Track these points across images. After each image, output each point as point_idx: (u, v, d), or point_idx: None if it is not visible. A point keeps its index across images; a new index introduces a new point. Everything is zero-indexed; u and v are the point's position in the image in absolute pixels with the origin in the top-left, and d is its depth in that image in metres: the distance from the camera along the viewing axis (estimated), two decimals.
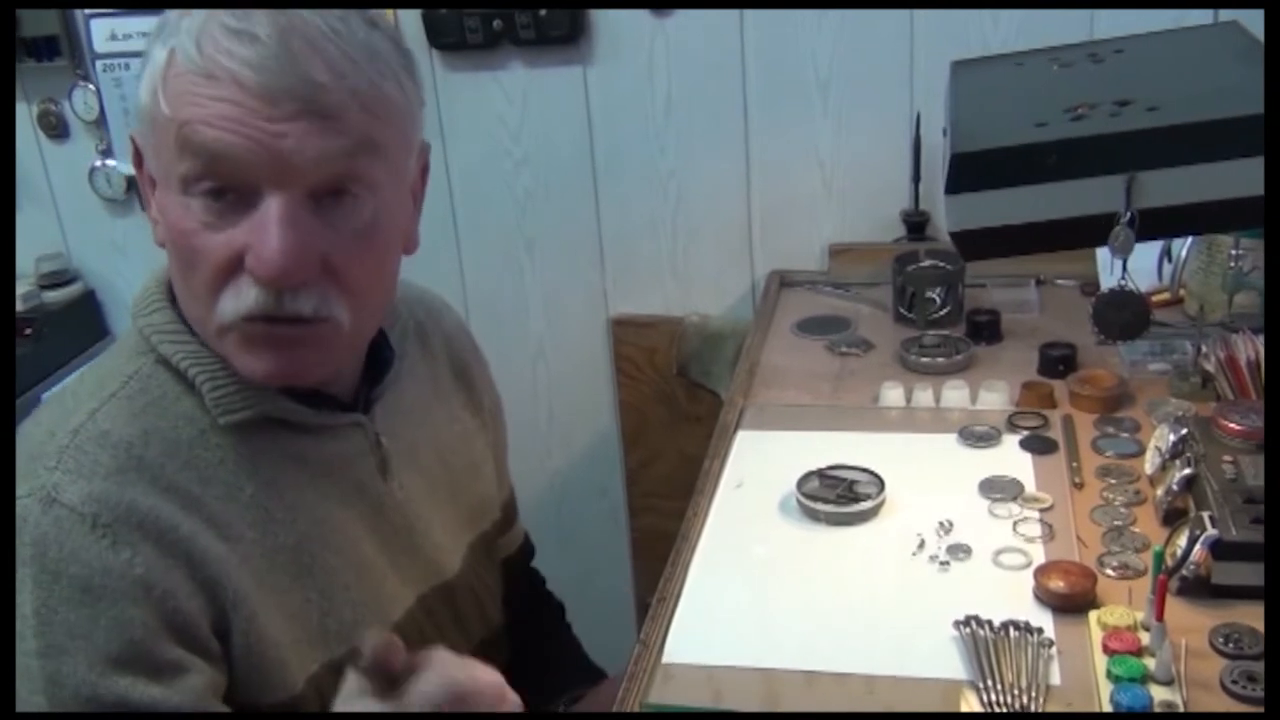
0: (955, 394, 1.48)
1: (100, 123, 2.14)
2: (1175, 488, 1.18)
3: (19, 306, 2.17)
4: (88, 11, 2.06)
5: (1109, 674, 0.99)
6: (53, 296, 2.23)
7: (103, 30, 2.06)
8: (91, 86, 2.11)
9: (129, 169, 2.11)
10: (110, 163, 2.16)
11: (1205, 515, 1.09)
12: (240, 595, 0.94)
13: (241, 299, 0.91)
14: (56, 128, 2.18)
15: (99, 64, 2.08)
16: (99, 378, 0.98)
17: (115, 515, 0.89)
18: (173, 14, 0.91)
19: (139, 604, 0.89)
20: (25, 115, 2.18)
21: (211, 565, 0.93)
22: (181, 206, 0.91)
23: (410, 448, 1.12)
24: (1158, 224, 1.03)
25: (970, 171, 1.05)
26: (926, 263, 1.71)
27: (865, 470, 1.31)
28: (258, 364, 0.95)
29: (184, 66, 0.88)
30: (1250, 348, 1.37)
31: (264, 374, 0.96)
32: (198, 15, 0.89)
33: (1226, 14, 1.69)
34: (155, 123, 0.91)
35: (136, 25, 2.04)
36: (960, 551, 1.19)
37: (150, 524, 0.90)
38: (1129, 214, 1.01)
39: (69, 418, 0.94)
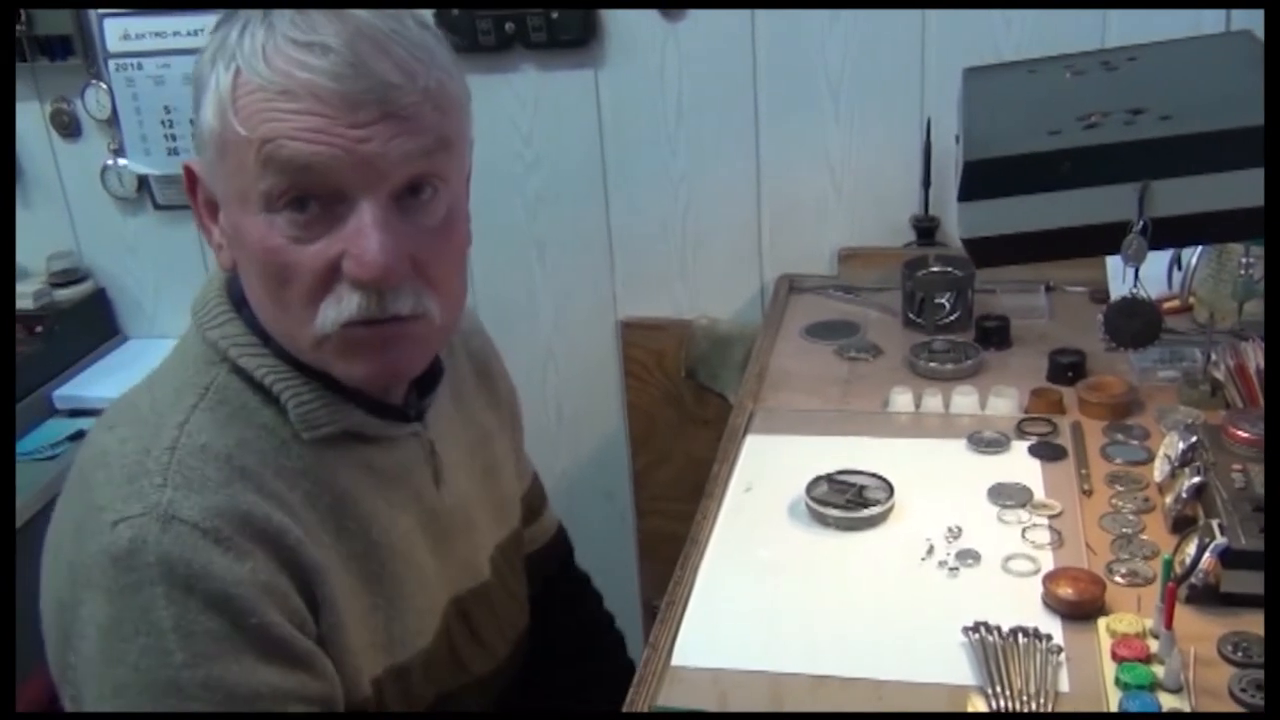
0: (964, 400, 1.48)
1: (113, 122, 2.14)
2: (1184, 495, 1.18)
3: (30, 304, 2.17)
4: (101, 11, 2.07)
5: (1118, 681, 0.99)
6: (64, 294, 2.23)
7: (116, 30, 2.07)
8: (104, 86, 2.11)
9: (141, 168, 2.14)
10: (122, 162, 2.17)
11: (1214, 523, 1.10)
12: (330, 599, 0.96)
13: (343, 306, 0.92)
14: (69, 127, 2.18)
15: (112, 63, 2.09)
16: (174, 389, 0.98)
17: (234, 527, 0.90)
18: (229, 34, 0.91)
19: (270, 608, 0.90)
20: (38, 114, 2.18)
21: (311, 571, 0.94)
22: (265, 224, 0.91)
23: (451, 453, 1.13)
24: (1170, 232, 1.02)
25: (983, 179, 1.04)
26: (936, 268, 1.72)
27: (874, 475, 1.31)
28: (359, 368, 0.96)
29: (254, 84, 0.88)
30: (1260, 356, 1.37)
31: (366, 377, 0.97)
32: (257, 31, 0.89)
33: (1236, 15, 1.70)
34: (226, 145, 0.91)
35: (149, 25, 2.05)
36: (969, 557, 1.19)
37: (263, 532, 0.92)
38: (1142, 222, 1.01)
39: (158, 432, 0.94)
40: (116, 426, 0.98)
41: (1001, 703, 0.99)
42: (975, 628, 1.07)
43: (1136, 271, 1.07)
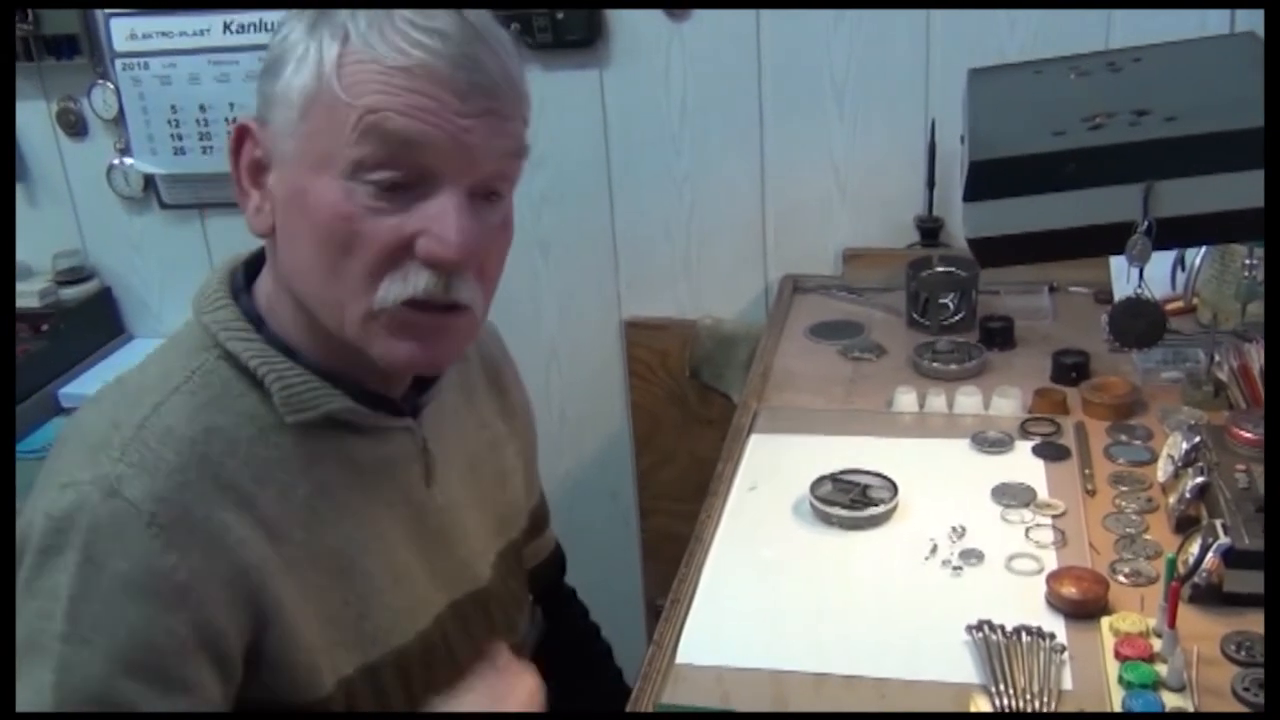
0: (968, 400, 1.49)
1: (119, 121, 2.15)
2: (1188, 495, 1.18)
3: (36, 303, 2.18)
4: (108, 11, 2.07)
5: (1121, 680, 1.00)
6: (70, 293, 2.24)
7: (122, 29, 2.07)
8: (111, 85, 2.12)
9: (147, 167, 2.15)
10: (128, 161, 2.17)
11: (1218, 523, 1.10)
12: (279, 601, 0.95)
13: (410, 283, 0.93)
14: (75, 126, 2.19)
15: (118, 63, 2.09)
16: (162, 371, 0.99)
17: (172, 517, 0.90)
18: (337, 11, 0.92)
19: (172, 610, 0.89)
20: (44, 113, 2.19)
21: (255, 572, 0.93)
22: (343, 190, 0.92)
23: (449, 454, 1.13)
24: (1175, 233, 1.03)
25: (988, 179, 1.05)
26: (940, 268, 1.72)
27: (878, 475, 1.32)
28: (401, 350, 0.97)
29: (367, 55, 0.90)
30: (1263, 357, 1.38)
31: (406, 361, 0.98)
32: (371, 11, 0.91)
33: (1241, 15, 1.70)
34: (318, 106, 0.91)
35: (156, 25, 2.06)
36: (972, 557, 1.20)
37: (203, 529, 0.91)
38: (1146, 223, 1.02)
39: (133, 409, 0.95)
40: (101, 401, 0.99)
41: (1005, 701, 0.99)
42: (979, 627, 1.07)
43: (1141, 272, 1.08)
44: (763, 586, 1.20)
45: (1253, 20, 1.62)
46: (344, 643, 1.01)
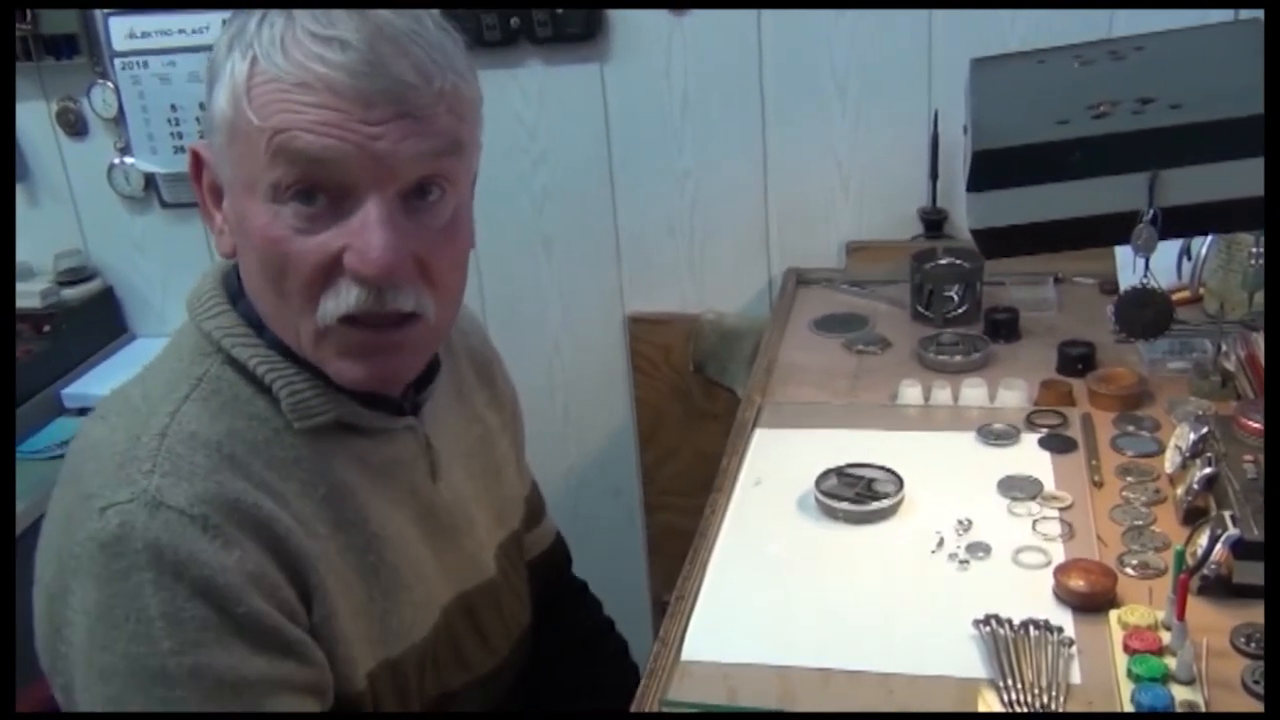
0: (974, 392, 1.48)
1: (119, 120, 2.14)
2: (1196, 487, 1.17)
3: (38, 303, 2.18)
4: (106, 10, 2.07)
5: (1130, 673, 0.99)
6: (71, 293, 2.24)
7: (121, 28, 2.07)
8: (110, 84, 2.11)
9: (147, 166, 2.14)
10: (129, 160, 2.17)
11: (1226, 514, 1.09)
12: (322, 590, 0.96)
13: (342, 299, 0.92)
14: (75, 125, 2.18)
15: (118, 62, 2.09)
16: (166, 380, 0.98)
17: (222, 515, 0.90)
18: (248, 22, 0.91)
19: (260, 597, 0.90)
20: (44, 113, 2.19)
21: (302, 560, 0.94)
22: (270, 214, 0.91)
23: (449, 449, 1.13)
24: (1180, 222, 1.02)
25: (992, 169, 1.04)
26: (944, 260, 1.71)
27: (883, 468, 1.31)
28: (355, 370, 0.96)
29: (271, 74, 0.88)
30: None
31: (362, 379, 0.97)
32: (276, 22, 0.89)
33: (1246, 14, 1.69)
34: (236, 132, 0.91)
35: (155, 23, 2.05)
36: (979, 550, 1.19)
37: (251, 519, 0.92)
38: (1152, 212, 1.01)
39: (148, 421, 0.94)
40: (108, 416, 0.98)
41: (1013, 695, 0.99)
42: (986, 620, 1.07)
43: (1147, 262, 1.07)
44: (768, 582, 1.19)
45: (1254, 16, 1.61)
46: (370, 638, 1.01)
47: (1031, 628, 1.05)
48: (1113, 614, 1.06)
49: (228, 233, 0.98)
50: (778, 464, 1.38)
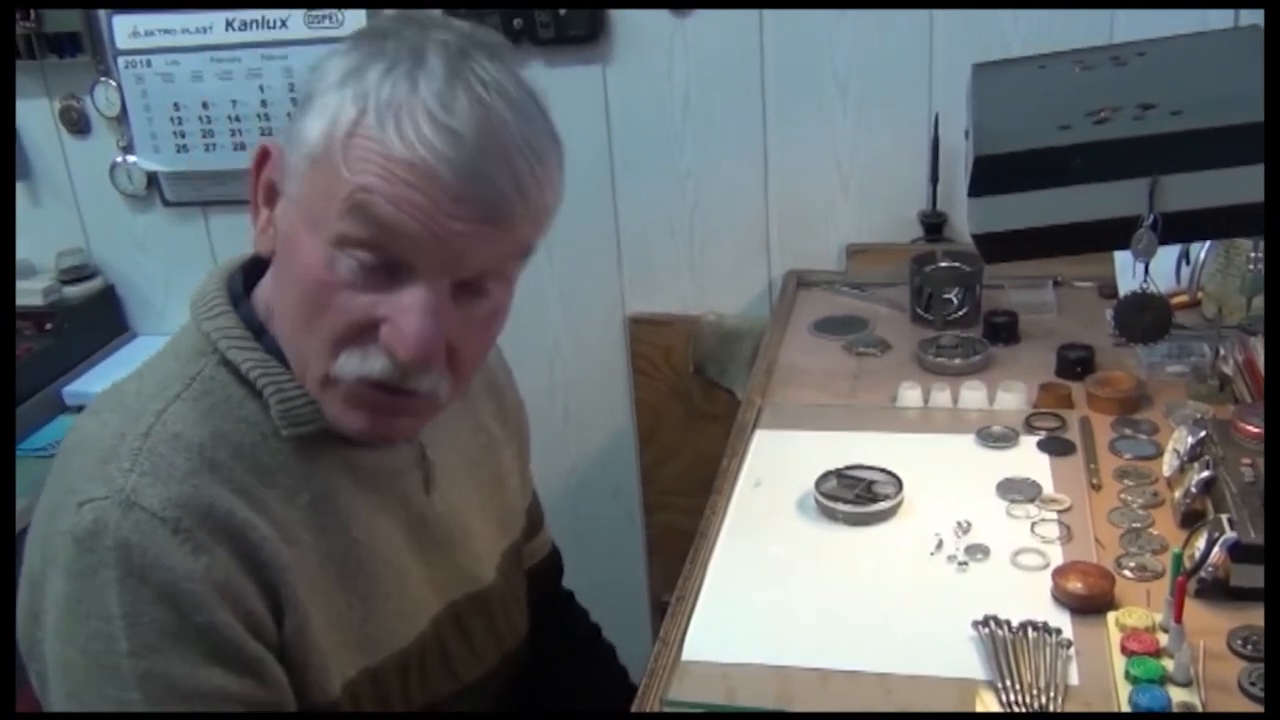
0: (973, 395, 1.48)
1: (122, 119, 2.14)
2: (1194, 490, 1.18)
3: (40, 301, 2.18)
4: (110, 8, 2.07)
5: (1127, 675, 1.00)
6: (73, 291, 2.24)
7: (125, 27, 2.07)
8: (113, 83, 2.11)
9: (150, 165, 2.15)
10: (131, 159, 2.17)
11: (1224, 518, 1.10)
12: (296, 599, 0.95)
13: (368, 363, 0.93)
14: (78, 123, 2.19)
15: (121, 60, 2.09)
16: (161, 378, 0.98)
17: (194, 519, 0.90)
18: (367, 68, 0.89)
19: (222, 608, 0.90)
20: (47, 111, 2.19)
21: (275, 569, 0.94)
22: (327, 257, 0.91)
23: (447, 461, 1.13)
24: (1180, 227, 1.02)
25: (993, 174, 1.05)
26: (944, 263, 1.72)
27: (883, 470, 1.31)
28: (355, 421, 0.97)
29: (375, 134, 0.87)
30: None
31: (359, 432, 0.98)
32: (400, 85, 0.88)
33: (1244, 15, 1.69)
34: (319, 167, 0.90)
35: (159, 22, 2.05)
36: (978, 552, 1.20)
37: (225, 526, 0.91)
38: (1152, 217, 1.01)
39: (136, 419, 0.94)
40: (101, 411, 0.98)
41: (1011, 696, 0.99)
42: (985, 622, 1.07)
43: (1146, 266, 1.07)
44: (768, 582, 1.19)
45: (1254, 19, 1.62)
46: (348, 645, 1.01)
47: (1030, 629, 1.06)
48: (1110, 616, 1.07)
49: (271, 235, 0.98)
50: (778, 465, 1.39)
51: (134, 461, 0.91)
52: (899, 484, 1.29)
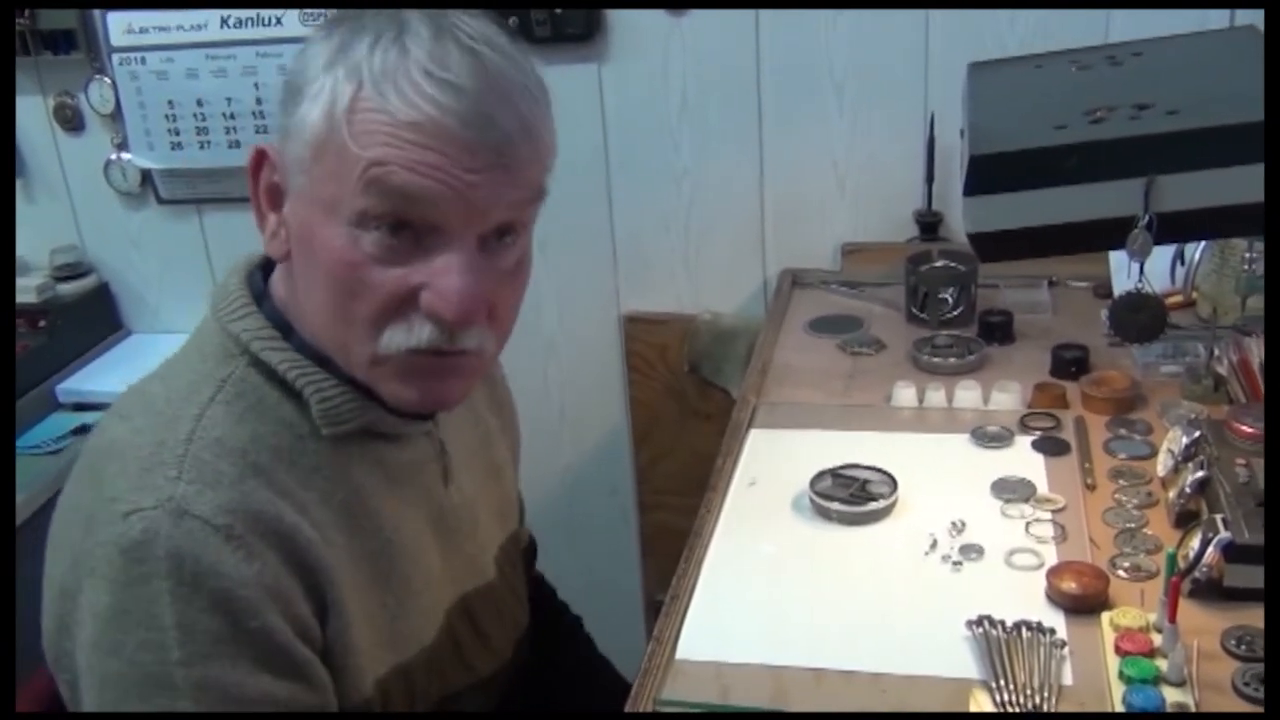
0: (967, 394, 1.48)
1: (116, 116, 2.14)
2: (1188, 490, 1.18)
3: (33, 298, 2.18)
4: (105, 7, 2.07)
5: (1121, 675, 1.00)
6: (67, 289, 2.24)
7: (120, 24, 2.07)
8: (108, 80, 2.11)
9: (144, 162, 2.14)
10: (125, 156, 2.17)
11: (1218, 518, 1.10)
12: (339, 602, 0.95)
13: (414, 333, 0.92)
14: (72, 120, 2.18)
15: (115, 57, 2.09)
16: (190, 381, 0.97)
17: (246, 525, 0.89)
18: (354, 43, 0.90)
19: (274, 612, 0.90)
20: (41, 108, 2.18)
21: (320, 571, 0.94)
22: (349, 238, 0.90)
23: (458, 452, 1.13)
24: (1176, 227, 1.03)
25: (989, 173, 1.05)
26: (939, 263, 1.72)
27: (877, 470, 1.31)
28: (410, 393, 0.96)
29: (377, 104, 0.88)
30: (1263, 351, 1.37)
31: (416, 402, 0.98)
32: (389, 51, 0.88)
33: (1240, 15, 1.70)
34: (327, 152, 0.90)
35: (153, 19, 2.05)
36: (972, 552, 1.20)
37: (274, 531, 0.91)
38: (1148, 217, 1.02)
39: (173, 424, 0.93)
40: (131, 417, 0.97)
41: (1005, 696, 0.99)
42: (979, 622, 1.07)
43: (1142, 266, 1.07)
44: (762, 582, 1.19)
45: (1253, 19, 1.62)
46: (381, 644, 1.01)
47: (1024, 629, 1.06)
48: (1104, 616, 1.07)
49: (283, 237, 0.97)
50: (772, 464, 1.39)
51: (180, 469, 0.90)
52: (894, 483, 1.29)
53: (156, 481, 0.89)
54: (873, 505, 1.26)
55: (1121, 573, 1.14)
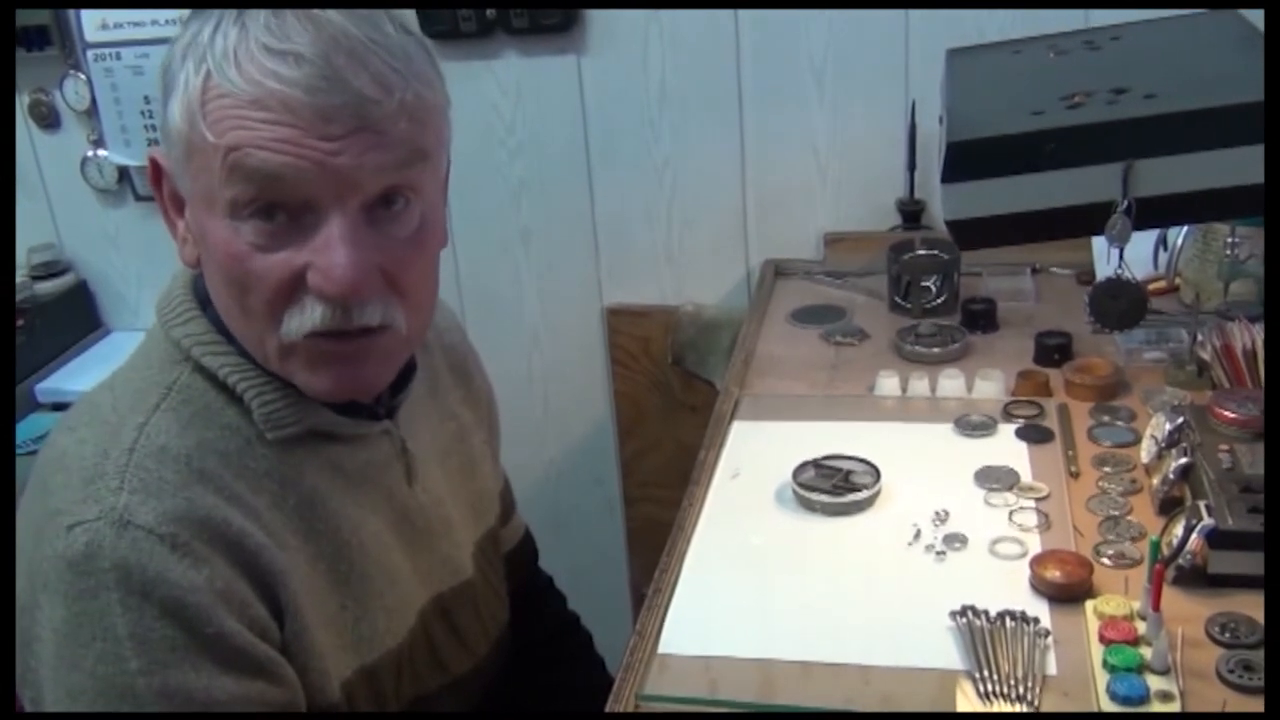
0: (951, 383, 1.48)
1: (92, 112, 2.13)
2: (1172, 477, 1.18)
3: None
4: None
5: (1105, 663, 0.99)
6: (45, 287, 2.22)
7: (94, 19, 2.05)
8: (83, 76, 2.10)
9: (121, 159, 2.13)
10: (102, 153, 2.15)
11: (1202, 504, 1.09)
12: (294, 604, 0.94)
13: (308, 316, 0.91)
14: (48, 118, 2.17)
15: (90, 53, 2.07)
16: (135, 390, 0.97)
17: (191, 532, 0.88)
18: (201, 30, 0.88)
19: (229, 616, 0.89)
20: (16, 105, 2.16)
21: (273, 575, 0.93)
22: (230, 230, 0.89)
23: (424, 450, 1.12)
24: (1155, 212, 1.02)
25: (967, 160, 1.04)
26: (922, 251, 1.71)
27: (861, 460, 1.31)
28: (323, 381, 0.95)
29: (224, 89, 0.86)
30: (1246, 336, 1.37)
31: (330, 390, 0.96)
32: (229, 32, 0.87)
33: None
34: (192, 148, 0.89)
35: (128, 15, 2.03)
36: (956, 541, 1.19)
37: (222, 536, 0.90)
38: (1126, 202, 1.01)
39: (117, 434, 0.92)
40: (77, 428, 0.96)
41: (989, 687, 0.99)
42: (963, 612, 1.07)
43: (1121, 252, 1.07)
44: (746, 574, 1.19)
45: (1252, 19, 1.62)
46: (343, 646, 1.00)
47: (1008, 619, 1.05)
48: (1088, 604, 1.06)
49: (190, 242, 0.96)
50: (755, 456, 1.38)
51: (123, 479, 0.89)
52: (877, 474, 1.28)
53: (99, 493, 0.88)
54: (856, 496, 1.26)
55: (1105, 560, 1.14)
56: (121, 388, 0.99)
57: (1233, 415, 1.22)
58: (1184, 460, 1.17)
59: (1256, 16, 1.26)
